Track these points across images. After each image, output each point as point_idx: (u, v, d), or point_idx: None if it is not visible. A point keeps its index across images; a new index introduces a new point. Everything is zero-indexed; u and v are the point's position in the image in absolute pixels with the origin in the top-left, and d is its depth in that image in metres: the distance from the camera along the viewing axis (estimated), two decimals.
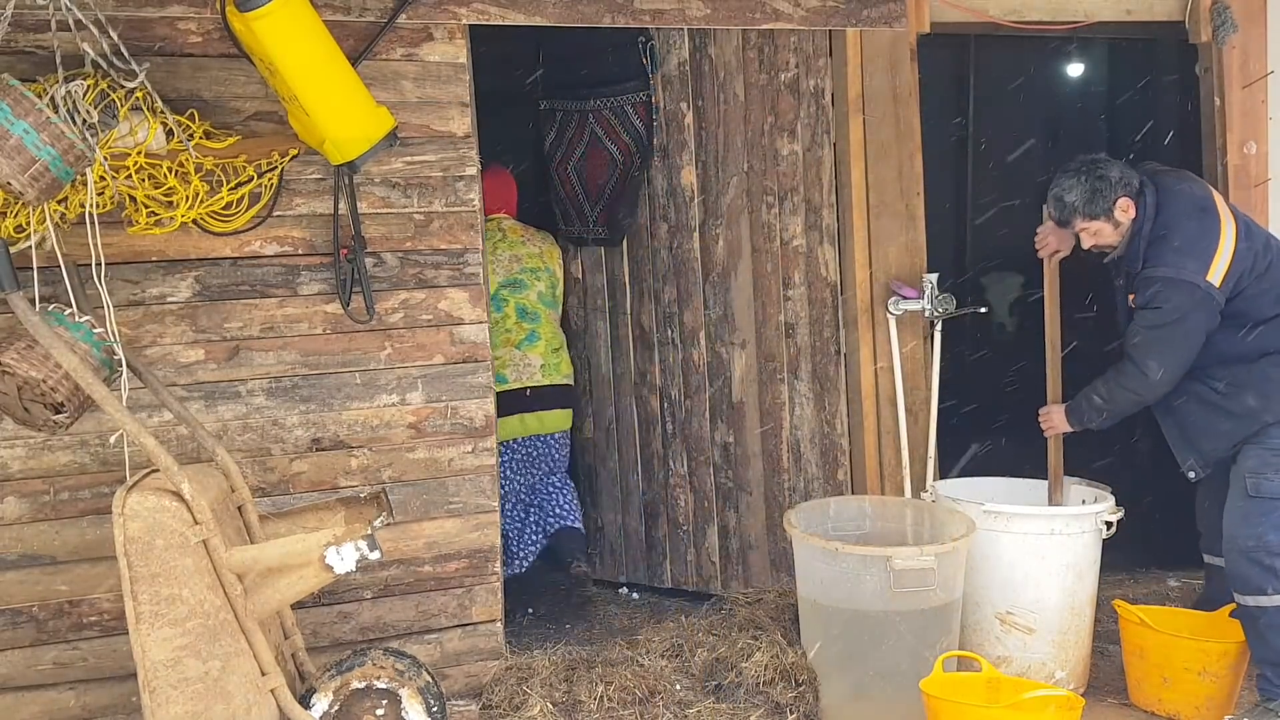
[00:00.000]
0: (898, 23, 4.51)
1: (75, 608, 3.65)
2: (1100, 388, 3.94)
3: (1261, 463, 3.75)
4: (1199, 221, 3.76)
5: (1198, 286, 3.69)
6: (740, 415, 4.92)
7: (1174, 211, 3.79)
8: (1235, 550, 3.77)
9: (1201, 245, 3.71)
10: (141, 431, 2.97)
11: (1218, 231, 3.74)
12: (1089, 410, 4.00)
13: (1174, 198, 3.83)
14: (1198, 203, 3.81)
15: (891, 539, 4.18)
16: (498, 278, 4.90)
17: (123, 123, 3.35)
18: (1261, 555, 3.71)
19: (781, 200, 4.76)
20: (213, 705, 2.96)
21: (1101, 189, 3.84)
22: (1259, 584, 3.72)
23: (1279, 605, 3.70)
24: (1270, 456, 3.74)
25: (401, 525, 3.95)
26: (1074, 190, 3.88)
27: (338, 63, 3.38)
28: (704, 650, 4.18)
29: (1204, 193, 3.87)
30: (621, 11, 4.14)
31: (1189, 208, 3.79)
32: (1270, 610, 3.72)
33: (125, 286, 3.65)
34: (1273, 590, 3.70)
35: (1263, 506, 3.73)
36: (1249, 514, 3.75)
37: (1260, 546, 3.72)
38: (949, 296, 4.53)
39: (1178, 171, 3.96)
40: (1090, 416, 4.02)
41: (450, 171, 3.96)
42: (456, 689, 4.04)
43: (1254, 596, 3.74)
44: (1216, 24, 4.80)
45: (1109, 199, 3.85)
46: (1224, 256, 3.71)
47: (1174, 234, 3.75)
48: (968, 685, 3.62)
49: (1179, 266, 3.71)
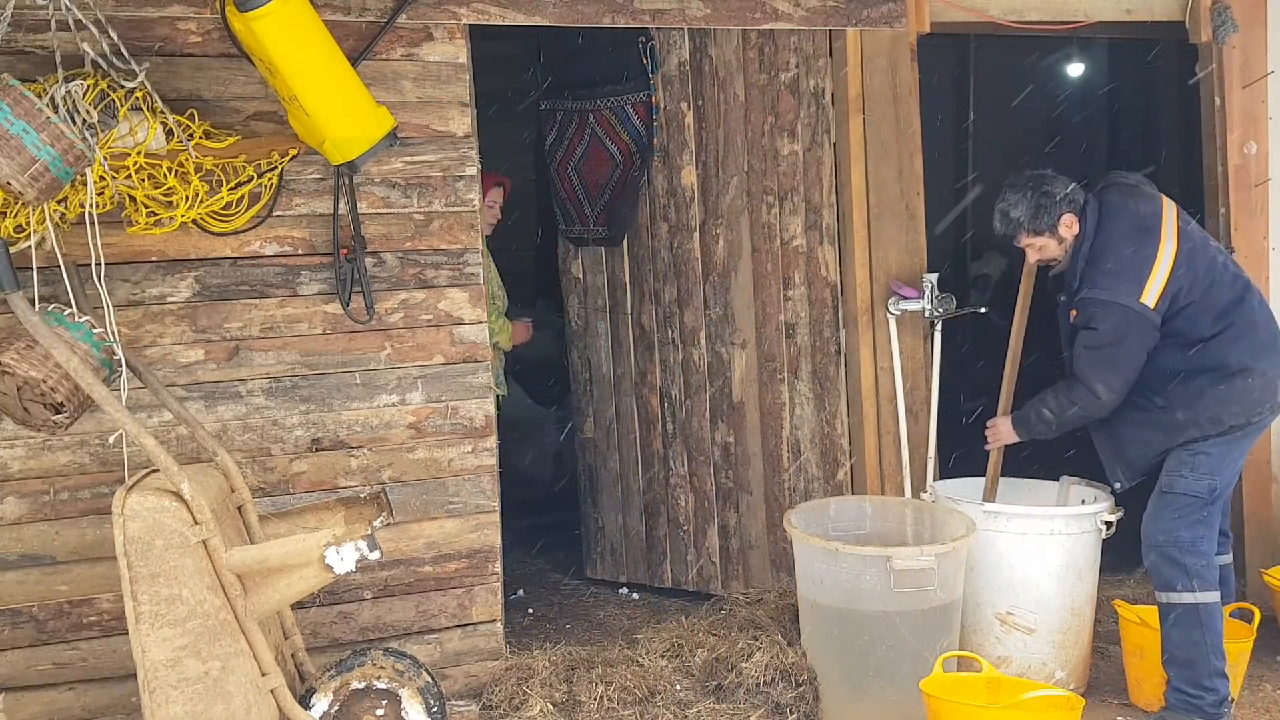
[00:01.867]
0: (898, 23, 4.51)
1: (75, 608, 3.65)
2: (1050, 402, 3.96)
3: (1178, 462, 3.81)
4: (1134, 243, 3.78)
5: (1130, 309, 3.72)
6: (740, 415, 4.92)
7: (1111, 231, 3.82)
8: (1149, 546, 3.83)
9: (1135, 268, 3.74)
10: (141, 431, 2.97)
11: (1154, 254, 3.75)
12: (1038, 423, 4.03)
13: (1114, 217, 3.84)
14: (1139, 222, 3.82)
15: (891, 539, 4.18)
16: None
17: (122, 123, 3.35)
18: (1173, 551, 3.76)
19: (782, 200, 4.76)
20: (212, 705, 2.96)
21: (1046, 205, 3.88)
22: (1169, 580, 3.77)
23: (1188, 603, 3.74)
24: (1186, 456, 3.80)
25: (401, 525, 3.94)
26: (1019, 206, 3.92)
27: (338, 63, 3.38)
28: (704, 650, 4.18)
29: (1150, 210, 3.86)
30: (621, 11, 4.14)
31: (1127, 228, 3.81)
32: (1179, 607, 3.76)
33: (125, 286, 3.65)
34: (1182, 587, 3.75)
35: (1176, 502, 3.79)
36: (1162, 510, 3.81)
37: (1171, 542, 3.77)
38: (949, 296, 4.53)
39: (1134, 188, 3.97)
40: (1039, 429, 4.05)
41: (450, 171, 3.96)
42: (456, 689, 4.04)
43: (1166, 593, 3.79)
44: (1216, 24, 4.80)
45: (1054, 215, 3.88)
46: (1158, 278, 3.73)
47: (1108, 256, 3.79)
48: (968, 685, 3.63)
49: (1111, 289, 3.74)
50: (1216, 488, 3.79)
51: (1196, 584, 3.73)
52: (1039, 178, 3.92)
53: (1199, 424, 3.76)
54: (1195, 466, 3.77)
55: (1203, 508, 3.78)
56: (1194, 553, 3.76)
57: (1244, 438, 3.83)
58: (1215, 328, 3.77)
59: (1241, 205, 4.88)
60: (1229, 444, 3.79)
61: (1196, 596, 3.73)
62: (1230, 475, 3.87)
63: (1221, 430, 3.76)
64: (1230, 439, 3.78)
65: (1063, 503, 4.31)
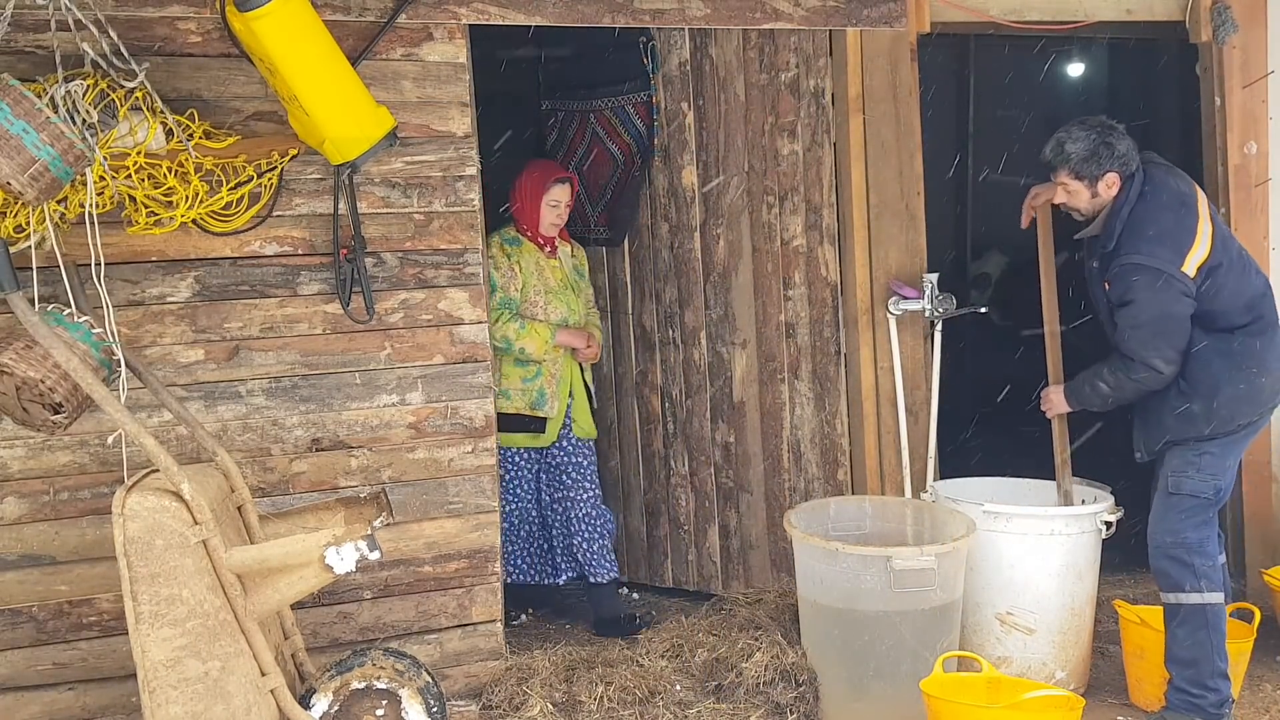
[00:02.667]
0: (898, 23, 4.51)
1: (75, 608, 3.65)
2: (1108, 376, 3.87)
3: (1184, 462, 3.79)
4: (1177, 214, 3.75)
5: (1172, 276, 3.68)
6: (741, 415, 4.92)
7: (1155, 202, 3.78)
8: (1155, 547, 3.82)
9: (1177, 236, 3.71)
10: (141, 431, 2.97)
11: (1194, 227, 3.73)
12: (1094, 396, 3.95)
13: (1159, 188, 3.81)
14: (1180, 197, 3.80)
15: (891, 539, 4.18)
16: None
17: (122, 123, 3.35)
18: (1180, 552, 3.76)
19: (782, 200, 4.76)
20: (212, 705, 2.96)
21: (1101, 155, 3.80)
22: (1177, 580, 3.76)
23: (1195, 604, 3.74)
24: (1192, 456, 3.78)
25: (401, 525, 3.94)
26: (1078, 143, 3.82)
27: (338, 63, 3.38)
28: (704, 650, 4.18)
29: (1189, 190, 3.86)
30: (621, 11, 4.14)
31: (1171, 200, 3.79)
32: (1186, 608, 3.75)
33: (125, 286, 3.64)
34: (1190, 588, 3.74)
35: (1182, 503, 3.78)
36: (1168, 511, 3.80)
37: (1178, 543, 3.76)
38: (949, 296, 4.53)
39: (1171, 168, 3.95)
40: (1094, 401, 3.98)
41: (450, 171, 3.96)
42: (456, 689, 4.04)
43: (1173, 594, 3.78)
44: (1216, 24, 4.80)
45: (1103, 167, 3.80)
46: (1199, 251, 3.70)
47: (1150, 223, 3.74)
48: (968, 685, 3.62)
49: (1151, 254, 3.69)
50: (1221, 488, 3.79)
51: (1204, 584, 3.73)
52: (1108, 127, 3.84)
53: (1210, 420, 3.74)
54: (1201, 467, 3.76)
55: (1208, 508, 3.78)
56: (1201, 553, 3.75)
57: (1246, 437, 3.83)
58: (1246, 317, 3.76)
59: (1241, 205, 4.88)
60: (1232, 443, 3.79)
61: (1204, 597, 3.73)
62: (1231, 475, 3.87)
63: (1229, 430, 3.75)
64: (1234, 438, 3.78)
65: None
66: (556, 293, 4.64)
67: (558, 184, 4.62)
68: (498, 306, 4.48)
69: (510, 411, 4.57)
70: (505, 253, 4.58)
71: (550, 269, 4.66)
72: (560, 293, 4.65)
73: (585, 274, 4.87)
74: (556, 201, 4.61)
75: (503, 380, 4.57)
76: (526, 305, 4.59)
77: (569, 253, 4.79)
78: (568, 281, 4.72)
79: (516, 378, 4.59)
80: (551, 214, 4.62)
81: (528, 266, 4.59)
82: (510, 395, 4.58)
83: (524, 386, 4.59)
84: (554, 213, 4.62)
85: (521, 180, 4.65)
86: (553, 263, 4.68)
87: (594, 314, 4.91)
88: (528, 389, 4.60)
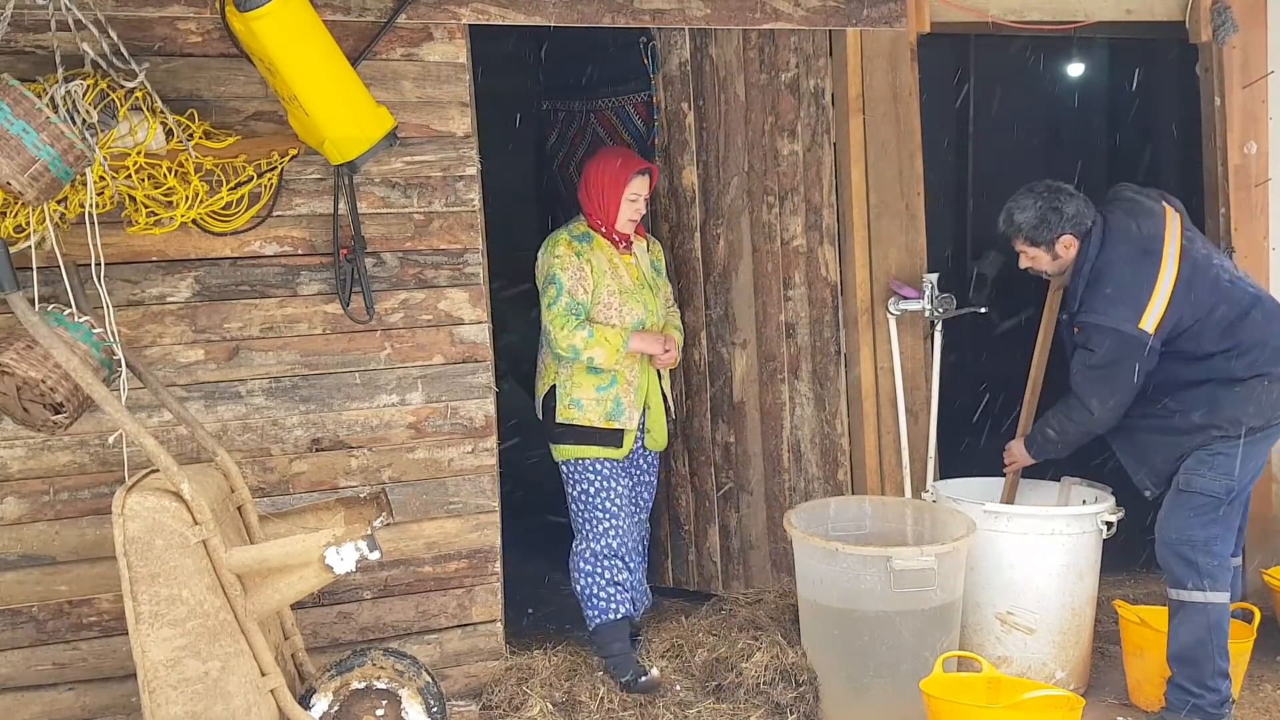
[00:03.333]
0: (898, 23, 4.51)
1: (75, 608, 3.65)
2: (1052, 421, 4.01)
3: (1197, 461, 3.81)
4: (1135, 267, 3.77)
5: (1128, 335, 3.72)
6: (741, 415, 4.92)
7: (1112, 255, 3.81)
8: (1162, 542, 3.84)
9: (1134, 293, 3.74)
10: (141, 432, 2.97)
11: (1154, 278, 3.74)
12: (1045, 444, 4.07)
13: (1117, 239, 3.83)
14: (1141, 245, 3.80)
15: (891, 539, 4.18)
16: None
17: (122, 123, 3.35)
18: (1185, 550, 3.77)
19: (782, 200, 4.76)
20: (212, 705, 2.96)
21: (1051, 220, 3.87)
22: (1180, 577, 3.78)
23: (1198, 602, 3.75)
24: (1206, 455, 3.80)
25: (401, 525, 3.94)
26: (1026, 211, 3.92)
27: (338, 63, 3.38)
28: (704, 650, 4.19)
29: (1152, 230, 3.83)
30: (621, 11, 4.14)
31: (1130, 252, 3.80)
32: (1189, 605, 3.77)
33: (125, 287, 3.64)
34: (1193, 586, 3.75)
35: (1191, 501, 3.79)
36: (1177, 508, 3.82)
37: (1184, 540, 3.78)
38: (949, 296, 4.53)
39: (1134, 203, 3.94)
40: (1047, 449, 4.09)
41: (450, 171, 3.96)
42: (456, 689, 4.04)
43: (1176, 590, 3.80)
44: (1216, 24, 4.80)
45: (1054, 232, 3.88)
46: (1158, 303, 3.73)
47: (1108, 280, 3.79)
48: (968, 685, 3.63)
49: (1108, 314, 3.75)
50: (1233, 488, 3.78)
51: (1208, 583, 3.74)
52: (1055, 191, 3.90)
53: (1219, 425, 3.76)
54: (1214, 466, 3.77)
55: (1218, 507, 3.77)
56: (1207, 552, 3.76)
57: (1264, 439, 3.82)
58: (1221, 344, 3.77)
59: (1241, 205, 4.88)
60: (1248, 445, 3.77)
61: (1207, 596, 3.74)
62: (1249, 477, 3.85)
63: (1240, 432, 3.75)
64: (1250, 441, 3.77)
65: (1063, 503, 4.31)
66: (632, 292, 4.17)
67: (639, 176, 4.14)
68: (564, 312, 4.03)
69: (584, 424, 4.15)
70: (574, 250, 4.10)
71: (625, 266, 4.20)
72: (636, 292, 4.18)
73: (663, 269, 4.46)
74: (636, 195, 4.15)
75: (574, 389, 4.14)
76: (599, 308, 4.11)
77: (644, 248, 4.34)
78: (644, 280, 4.26)
79: (590, 386, 4.14)
80: (630, 209, 4.15)
81: (600, 265, 4.12)
82: (583, 405, 4.14)
83: (598, 396, 4.14)
84: (632, 208, 4.15)
85: (595, 171, 4.16)
86: (627, 259, 4.22)
87: (674, 313, 4.48)
88: (602, 399, 4.14)
